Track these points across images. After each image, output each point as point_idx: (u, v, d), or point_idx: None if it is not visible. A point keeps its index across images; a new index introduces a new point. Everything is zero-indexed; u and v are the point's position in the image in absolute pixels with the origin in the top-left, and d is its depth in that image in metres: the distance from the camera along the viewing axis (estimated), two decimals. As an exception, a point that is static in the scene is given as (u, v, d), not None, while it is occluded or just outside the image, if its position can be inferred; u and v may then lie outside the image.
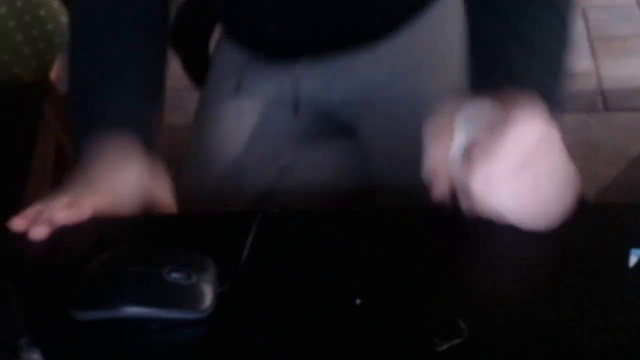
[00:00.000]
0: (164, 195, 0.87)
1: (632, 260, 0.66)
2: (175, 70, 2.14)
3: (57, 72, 2.02)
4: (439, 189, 0.72)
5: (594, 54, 1.92)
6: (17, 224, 0.78)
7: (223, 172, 1.05)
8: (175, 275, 0.67)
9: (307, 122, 1.10)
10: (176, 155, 1.85)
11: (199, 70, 1.27)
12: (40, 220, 0.77)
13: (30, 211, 0.79)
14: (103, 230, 0.80)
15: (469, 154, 0.68)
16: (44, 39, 1.50)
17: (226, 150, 1.07)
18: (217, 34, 1.25)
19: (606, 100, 1.78)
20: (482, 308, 0.65)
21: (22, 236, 0.77)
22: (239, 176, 1.04)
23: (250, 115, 1.09)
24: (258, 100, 1.09)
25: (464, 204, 0.70)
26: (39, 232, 0.76)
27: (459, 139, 0.69)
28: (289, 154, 1.08)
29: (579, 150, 1.67)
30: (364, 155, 1.05)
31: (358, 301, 0.67)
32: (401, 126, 1.01)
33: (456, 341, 0.62)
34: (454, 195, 0.72)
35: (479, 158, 0.66)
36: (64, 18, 1.57)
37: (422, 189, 0.75)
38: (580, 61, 1.91)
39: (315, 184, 1.04)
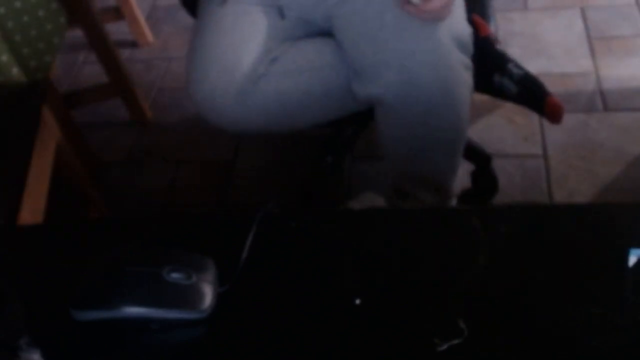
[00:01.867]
0: None
1: (632, 260, 0.66)
2: (174, 70, 2.15)
3: (56, 72, 2.02)
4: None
5: (593, 54, 1.92)
6: None
7: (223, 62, 1.20)
8: (175, 275, 0.67)
9: (293, 27, 1.26)
10: (176, 155, 1.85)
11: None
12: None
13: None
14: (103, 230, 0.80)
15: None
16: (43, 39, 1.50)
17: (224, 48, 1.22)
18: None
19: (605, 101, 1.78)
20: (482, 308, 0.65)
21: (22, 236, 0.77)
22: (235, 64, 1.20)
23: (242, 19, 1.24)
24: (246, 7, 1.25)
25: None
26: None
27: None
28: (280, 49, 1.23)
29: (579, 150, 1.67)
30: (340, 42, 1.21)
31: (358, 301, 0.67)
32: (370, 11, 1.15)
33: (456, 341, 0.62)
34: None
35: None
36: (62, 19, 1.58)
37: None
38: (580, 61, 1.91)
39: (301, 72, 1.22)
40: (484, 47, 1.26)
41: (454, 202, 1.41)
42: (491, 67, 1.28)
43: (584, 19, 2.05)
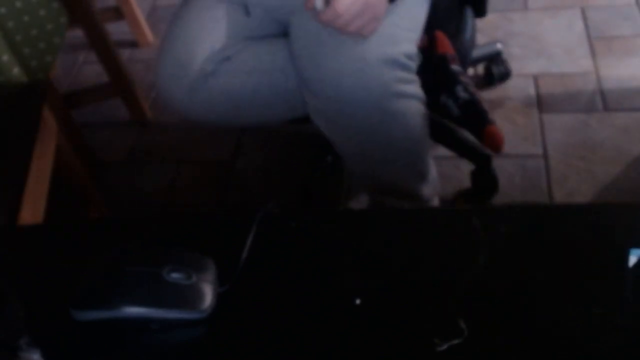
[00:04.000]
0: None
1: (632, 260, 0.66)
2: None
3: (56, 72, 2.02)
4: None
5: (593, 54, 1.92)
6: None
7: (179, 55, 1.25)
8: (175, 275, 0.67)
9: (258, 25, 1.29)
10: (176, 155, 1.85)
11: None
12: None
13: None
14: (103, 230, 0.80)
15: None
16: (44, 39, 1.50)
17: (183, 40, 1.26)
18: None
19: (606, 100, 1.78)
20: (482, 308, 0.65)
21: (22, 236, 0.77)
22: (189, 59, 1.24)
23: (205, 13, 1.27)
24: (212, 2, 1.28)
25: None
26: None
27: None
28: (236, 47, 1.25)
29: (579, 150, 1.67)
30: (291, 47, 1.20)
31: (358, 301, 0.67)
32: (312, 26, 1.14)
33: (456, 341, 0.62)
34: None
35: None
36: (63, 18, 1.57)
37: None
38: (580, 61, 1.91)
39: (251, 73, 1.24)
40: (438, 65, 1.26)
41: (435, 202, 1.41)
42: (440, 86, 1.28)
43: (584, 19, 2.05)
